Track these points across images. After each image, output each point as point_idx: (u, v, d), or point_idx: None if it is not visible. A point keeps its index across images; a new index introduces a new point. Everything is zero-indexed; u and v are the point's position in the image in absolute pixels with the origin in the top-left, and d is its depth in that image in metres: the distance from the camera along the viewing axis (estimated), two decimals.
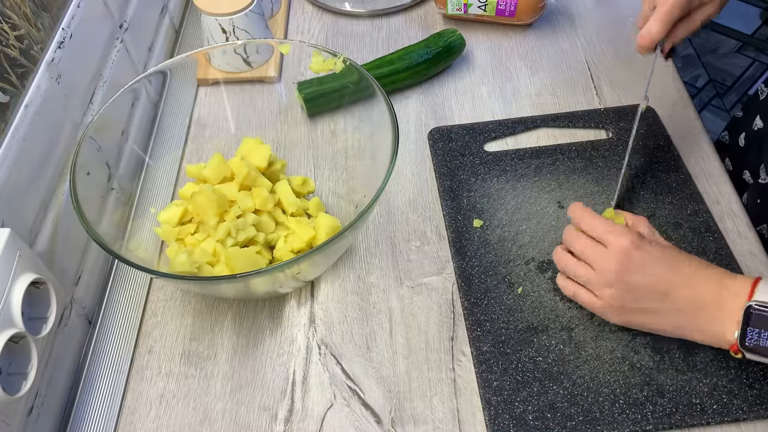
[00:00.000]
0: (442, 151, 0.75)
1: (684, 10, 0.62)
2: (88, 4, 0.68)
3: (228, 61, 0.80)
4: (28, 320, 0.49)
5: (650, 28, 0.62)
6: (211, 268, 0.60)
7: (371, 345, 0.61)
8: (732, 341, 0.51)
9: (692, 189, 0.69)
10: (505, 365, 0.58)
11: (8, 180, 0.52)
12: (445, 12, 0.89)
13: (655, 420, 0.54)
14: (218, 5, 0.79)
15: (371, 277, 0.66)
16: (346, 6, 0.93)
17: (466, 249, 0.66)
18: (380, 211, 0.71)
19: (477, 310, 0.61)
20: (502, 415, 0.55)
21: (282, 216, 0.66)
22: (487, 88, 0.83)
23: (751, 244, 0.65)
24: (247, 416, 0.57)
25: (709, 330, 0.53)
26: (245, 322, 0.63)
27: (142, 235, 0.64)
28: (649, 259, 0.54)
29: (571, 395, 0.56)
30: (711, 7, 0.63)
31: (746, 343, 0.50)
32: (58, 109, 0.61)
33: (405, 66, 0.80)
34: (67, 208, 0.61)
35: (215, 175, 0.65)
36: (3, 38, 0.53)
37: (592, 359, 0.58)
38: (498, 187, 0.71)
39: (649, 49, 0.64)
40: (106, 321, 0.64)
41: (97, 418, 0.58)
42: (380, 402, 0.57)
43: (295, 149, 0.75)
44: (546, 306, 0.62)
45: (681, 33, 0.64)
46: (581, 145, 0.74)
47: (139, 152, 0.71)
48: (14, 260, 0.48)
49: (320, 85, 0.76)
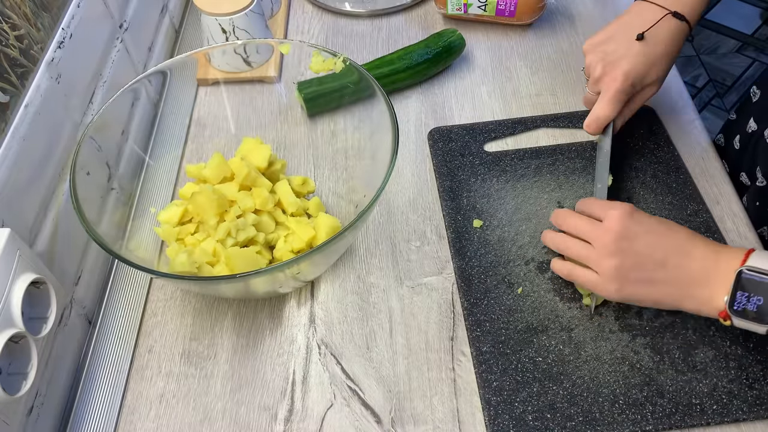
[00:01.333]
0: (442, 151, 0.75)
1: (628, 95, 0.66)
2: (88, 4, 0.68)
3: (228, 61, 0.80)
4: (28, 320, 0.49)
5: (597, 113, 0.66)
6: (211, 268, 0.60)
7: (371, 345, 0.61)
8: (721, 307, 0.52)
9: (692, 189, 0.69)
10: (504, 365, 0.58)
11: (8, 180, 0.52)
12: (445, 12, 0.89)
13: (655, 420, 0.54)
14: (218, 5, 0.79)
15: (371, 277, 0.66)
16: (346, 6, 0.93)
17: (465, 249, 0.66)
18: (380, 211, 0.71)
19: (477, 310, 0.61)
20: (501, 415, 0.55)
21: (282, 216, 0.66)
22: (487, 88, 0.83)
23: (752, 245, 0.65)
24: (247, 416, 0.57)
25: (701, 296, 0.53)
26: (245, 322, 0.63)
27: (142, 235, 0.64)
28: (645, 226, 0.55)
29: (571, 395, 0.56)
30: (652, 88, 0.67)
31: (734, 307, 0.51)
32: (58, 109, 0.61)
33: (405, 66, 0.80)
34: (67, 208, 0.61)
35: (215, 175, 0.65)
36: (3, 38, 0.53)
37: (592, 359, 0.58)
38: (498, 188, 0.71)
39: (598, 132, 0.68)
40: (106, 321, 0.64)
41: (97, 418, 0.58)
42: (380, 402, 0.57)
43: (295, 149, 0.75)
44: (546, 306, 0.62)
45: (626, 114, 0.68)
46: (581, 146, 0.74)
47: (139, 152, 0.71)
48: (14, 260, 0.48)
49: (320, 85, 0.76)
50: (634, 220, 0.55)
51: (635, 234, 0.55)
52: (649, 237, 0.55)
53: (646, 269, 0.54)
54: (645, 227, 0.55)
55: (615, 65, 0.65)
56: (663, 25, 0.65)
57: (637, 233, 0.55)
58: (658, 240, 0.55)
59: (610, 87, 0.65)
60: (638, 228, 0.55)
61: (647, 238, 0.55)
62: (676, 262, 0.54)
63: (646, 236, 0.55)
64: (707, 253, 0.54)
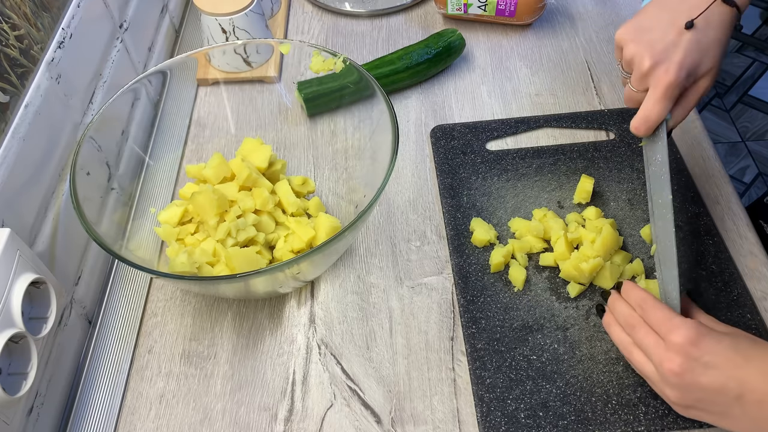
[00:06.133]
0: (444, 149, 0.75)
1: (681, 89, 0.57)
2: (88, 4, 0.68)
3: (228, 61, 0.80)
4: (28, 320, 0.49)
5: (647, 112, 0.57)
6: (211, 268, 0.60)
7: (371, 345, 0.61)
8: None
9: (693, 192, 0.69)
10: (498, 363, 0.58)
11: (8, 180, 0.52)
12: (445, 12, 0.89)
13: (647, 421, 0.54)
14: (218, 5, 0.79)
15: (371, 277, 0.66)
16: (346, 6, 0.93)
17: (464, 247, 0.66)
18: (380, 211, 0.71)
19: (473, 307, 0.61)
20: (494, 412, 0.55)
21: (282, 216, 0.66)
22: (487, 88, 0.83)
23: (752, 245, 0.65)
24: (247, 416, 0.57)
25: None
26: (245, 322, 0.63)
27: (142, 235, 0.64)
28: (712, 355, 0.47)
29: (564, 394, 0.56)
30: (707, 79, 0.58)
31: None
32: (58, 109, 0.61)
33: (405, 66, 0.80)
34: (67, 208, 0.61)
35: (215, 175, 0.65)
36: (3, 38, 0.53)
37: (587, 359, 0.58)
38: (498, 186, 0.71)
39: (648, 134, 0.59)
40: (106, 321, 0.64)
41: (97, 418, 0.58)
42: (380, 402, 0.57)
43: (295, 149, 0.75)
44: (542, 305, 0.62)
45: (679, 114, 0.59)
46: (583, 146, 0.74)
47: (139, 152, 0.71)
48: (14, 260, 0.48)
49: (320, 85, 0.76)
50: (699, 349, 0.47)
51: (700, 368, 0.47)
52: (718, 370, 0.47)
53: (717, 404, 0.47)
54: (712, 357, 0.47)
55: (666, 56, 0.56)
56: (712, 9, 0.57)
57: (702, 366, 0.47)
58: (731, 373, 0.46)
59: (662, 81, 0.56)
60: (704, 359, 0.47)
61: (715, 371, 0.47)
62: (756, 396, 0.45)
63: (714, 370, 0.47)
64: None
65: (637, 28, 0.59)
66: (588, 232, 0.64)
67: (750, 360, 0.47)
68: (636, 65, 0.58)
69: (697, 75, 0.57)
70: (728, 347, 0.47)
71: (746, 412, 0.46)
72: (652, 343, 0.50)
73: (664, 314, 0.50)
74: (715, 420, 0.49)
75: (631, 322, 0.52)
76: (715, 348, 0.47)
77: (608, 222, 0.65)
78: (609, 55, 0.86)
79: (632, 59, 0.58)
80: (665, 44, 0.57)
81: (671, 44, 0.56)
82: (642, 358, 0.51)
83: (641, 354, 0.51)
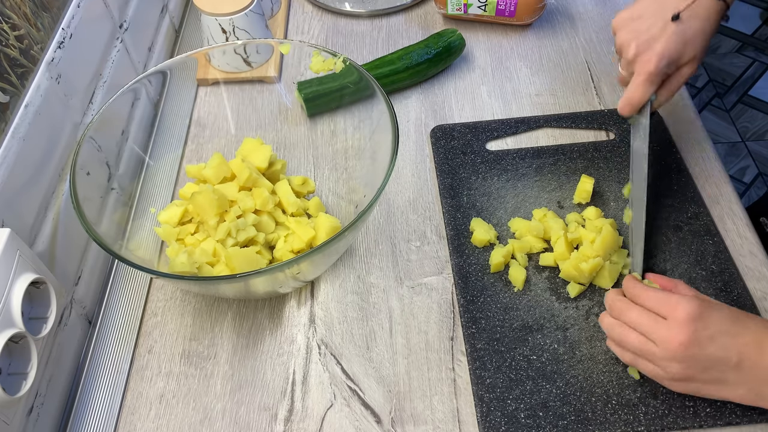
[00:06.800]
0: (444, 149, 0.75)
1: (662, 77, 0.62)
2: (88, 4, 0.68)
3: (228, 61, 0.80)
4: (28, 320, 0.49)
5: (630, 96, 0.63)
6: (211, 268, 0.60)
7: (371, 345, 0.61)
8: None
9: (693, 191, 0.69)
10: (498, 363, 0.58)
11: (8, 180, 0.52)
12: (445, 12, 0.89)
13: (647, 421, 0.54)
14: (218, 5, 0.79)
15: (371, 277, 0.66)
16: (346, 6, 0.93)
17: (464, 246, 0.66)
18: (380, 211, 0.71)
19: (473, 307, 0.61)
20: (493, 412, 0.55)
21: (282, 216, 0.66)
22: (487, 88, 0.83)
23: (751, 245, 0.65)
24: (247, 416, 0.57)
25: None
26: (245, 322, 0.63)
27: (142, 235, 0.64)
28: (716, 327, 0.50)
29: (564, 395, 0.56)
30: (689, 67, 0.63)
31: None
32: (58, 109, 0.61)
33: (405, 66, 0.80)
34: (67, 208, 0.61)
35: (215, 175, 0.65)
36: (3, 38, 0.53)
37: (587, 359, 0.58)
38: (498, 186, 0.71)
39: (633, 113, 0.65)
40: (106, 321, 0.64)
41: (97, 418, 0.58)
42: (380, 402, 0.57)
43: (295, 149, 0.75)
44: (542, 305, 0.62)
45: (663, 97, 0.64)
46: (583, 146, 0.74)
47: (139, 152, 0.71)
48: (14, 260, 0.48)
49: (320, 85, 0.76)
50: (704, 322, 0.50)
51: (706, 339, 0.50)
52: (721, 340, 0.50)
53: (717, 370, 0.51)
54: (716, 328, 0.50)
55: (649, 46, 0.61)
56: (700, 1, 0.61)
57: (707, 338, 0.50)
58: (732, 341, 0.50)
59: (644, 69, 0.61)
60: (709, 331, 0.50)
61: (719, 341, 0.50)
62: (751, 362, 0.50)
63: (718, 340, 0.50)
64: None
65: (628, 16, 0.64)
66: (588, 232, 0.64)
67: (747, 329, 0.51)
68: (624, 52, 0.64)
69: (679, 63, 0.62)
70: (727, 317, 0.51)
71: (741, 377, 0.50)
72: (649, 322, 0.52)
73: (659, 295, 0.53)
74: (711, 391, 0.52)
75: (619, 305, 0.55)
76: (717, 319, 0.51)
77: (608, 222, 0.65)
78: (609, 55, 0.86)
79: (621, 45, 0.64)
80: (650, 34, 0.61)
81: (655, 35, 0.61)
82: (638, 338, 0.53)
83: (636, 334, 0.53)
